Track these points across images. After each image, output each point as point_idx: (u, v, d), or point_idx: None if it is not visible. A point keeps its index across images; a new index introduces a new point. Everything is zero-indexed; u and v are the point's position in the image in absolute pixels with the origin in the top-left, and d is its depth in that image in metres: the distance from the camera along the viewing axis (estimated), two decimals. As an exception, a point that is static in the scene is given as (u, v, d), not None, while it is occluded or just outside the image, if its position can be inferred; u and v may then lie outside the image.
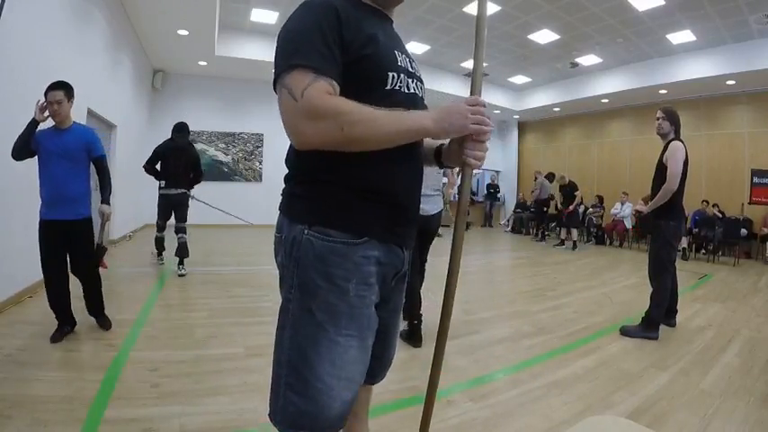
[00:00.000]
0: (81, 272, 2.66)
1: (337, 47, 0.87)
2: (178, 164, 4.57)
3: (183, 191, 4.63)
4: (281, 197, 1.01)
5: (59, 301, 2.55)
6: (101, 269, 2.78)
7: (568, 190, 8.72)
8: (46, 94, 2.46)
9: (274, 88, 0.89)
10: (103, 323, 2.73)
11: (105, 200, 2.67)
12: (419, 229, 3.11)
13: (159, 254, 5.07)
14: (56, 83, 2.50)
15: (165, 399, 1.91)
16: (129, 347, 2.47)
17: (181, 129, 4.67)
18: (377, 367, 1.15)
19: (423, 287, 2.88)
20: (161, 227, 4.82)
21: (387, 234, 0.96)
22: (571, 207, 8.54)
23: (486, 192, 12.94)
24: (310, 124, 0.81)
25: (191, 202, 4.77)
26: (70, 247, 2.58)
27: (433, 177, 2.82)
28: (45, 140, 2.48)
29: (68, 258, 2.59)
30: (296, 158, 0.96)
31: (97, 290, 2.75)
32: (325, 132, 0.81)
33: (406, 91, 0.98)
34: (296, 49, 0.86)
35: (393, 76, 0.94)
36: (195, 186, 4.88)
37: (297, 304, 0.92)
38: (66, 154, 2.50)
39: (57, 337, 2.49)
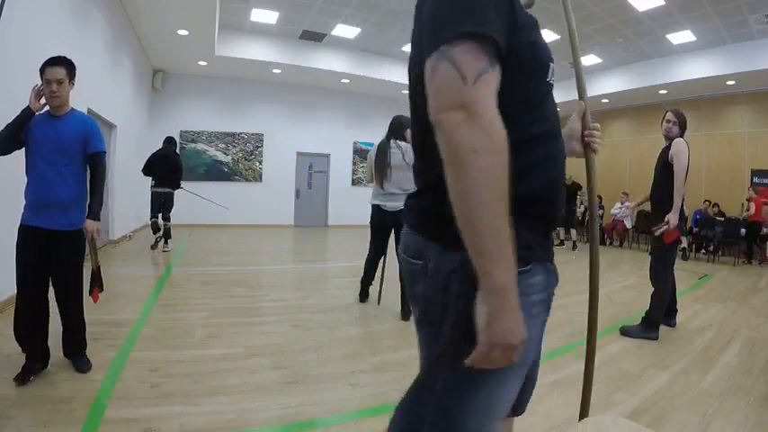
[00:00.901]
0: (62, 298, 2.13)
1: (508, 23, 0.68)
2: (164, 168, 5.78)
3: (168, 189, 5.84)
4: (411, 212, 0.82)
5: (34, 330, 2.03)
6: (92, 301, 2.27)
7: (572, 189, 8.80)
8: (43, 71, 1.99)
9: (422, 53, 0.66)
10: (82, 365, 2.14)
11: (93, 213, 2.12)
12: (390, 223, 3.31)
13: (156, 240, 5.91)
14: (56, 58, 2.03)
15: (165, 399, 1.91)
16: (130, 347, 2.47)
17: (168, 141, 6.00)
18: (527, 393, 0.99)
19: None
20: (153, 216, 5.92)
21: (546, 252, 0.81)
22: (578, 208, 8.68)
23: None
24: (457, 118, 0.61)
25: (176, 197, 6.02)
26: (53, 264, 2.08)
27: (398, 178, 3.31)
28: (35, 129, 2.01)
29: (50, 279, 2.11)
30: (425, 164, 0.78)
31: (79, 323, 2.21)
32: (457, 141, 0.61)
33: (553, 82, 0.84)
34: (470, 8, 0.64)
35: (552, 68, 0.80)
36: (186, 186, 6.16)
37: (459, 343, 0.73)
38: (59, 146, 2.03)
39: (24, 376, 1.93)
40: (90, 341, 2.29)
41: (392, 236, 3.47)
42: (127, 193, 6.98)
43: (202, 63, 8.62)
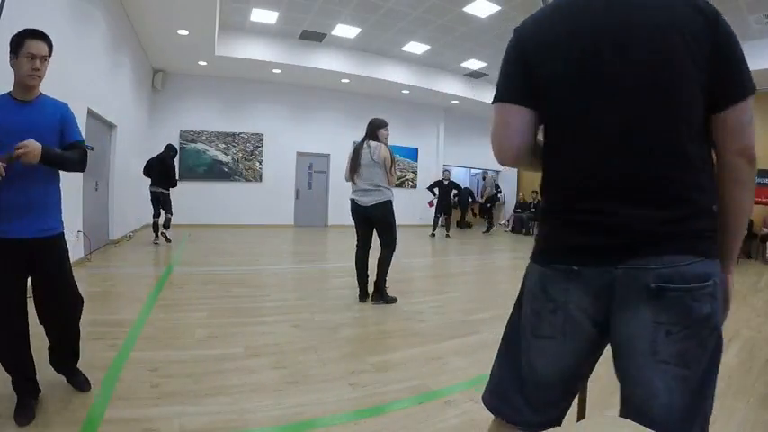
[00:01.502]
0: (56, 313, 1.84)
1: None
2: (161, 170, 6.58)
3: (163, 190, 6.62)
4: (699, 238, 0.80)
5: (20, 357, 1.73)
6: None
7: None
8: (22, 44, 1.63)
9: (744, 94, 0.82)
10: (80, 383, 1.94)
11: (48, 148, 1.63)
12: (365, 216, 3.62)
13: (156, 235, 6.68)
14: (38, 31, 1.69)
15: (165, 399, 1.91)
16: (130, 347, 2.47)
17: (168, 148, 6.80)
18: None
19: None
20: (155, 214, 6.69)
21: None
22: None
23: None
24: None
25: (174, 196, 6.87)
26: (39, 278, 1.77)
27: (368, 174, 3.63)
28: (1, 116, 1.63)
29: (34, 293, 1.78)
30: (708, 183, 0.83)
31: (75, 334, 1.96)
32: (755, 171, 0.85)
33: None
34: None
35: None
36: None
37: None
38: (34, 138, 1.60)
39: (25, 415, 1.64)
40: (90, 341, 2.29)
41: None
42: (126, 193, 6.98)
43: (202, 63, 8.63)
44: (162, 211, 6.66)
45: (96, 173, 5.56)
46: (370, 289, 3.76)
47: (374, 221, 3.68)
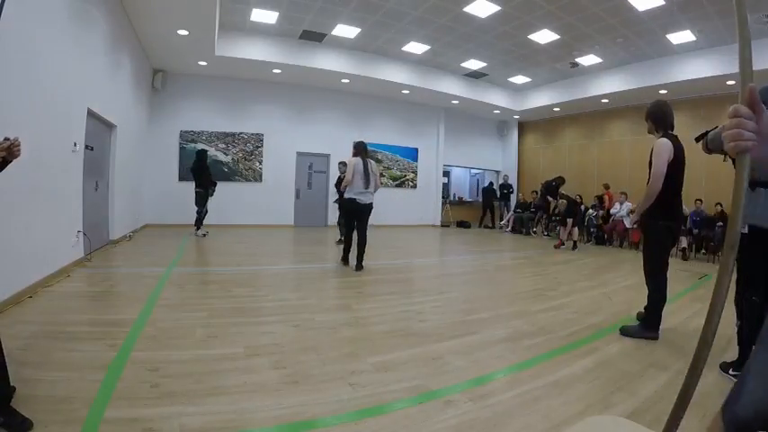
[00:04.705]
0: None
1: None
2: (193, 175, 7.98)
3: (195, 188, 7.91)
4: None
5: None
6: None
7: (554, 185, 9.00)
8: None
9: None
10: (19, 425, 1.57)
11: None
12: (361, 211, 5.30)
13: (198, 227, 7.95)
14: None
15: (165, 399, 1.91)
16: (129, 347, 2.47)
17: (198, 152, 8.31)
18: None
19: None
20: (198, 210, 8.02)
21: None
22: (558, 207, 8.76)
23: (499, 193, 13.01)
24: None
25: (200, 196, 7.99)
26: None
27: (370, 183, 5.11)
28: None
29: None
30: None
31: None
32: None
33: None
34: None
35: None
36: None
37: None
38: None
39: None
40: (90, 341, 2.29)
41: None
42: (126, 194, 6.98)
43: (202, 63, 8.63)
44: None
45: (96, 173, 5.55)
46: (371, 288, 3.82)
47: (365, 215, 5.17)
